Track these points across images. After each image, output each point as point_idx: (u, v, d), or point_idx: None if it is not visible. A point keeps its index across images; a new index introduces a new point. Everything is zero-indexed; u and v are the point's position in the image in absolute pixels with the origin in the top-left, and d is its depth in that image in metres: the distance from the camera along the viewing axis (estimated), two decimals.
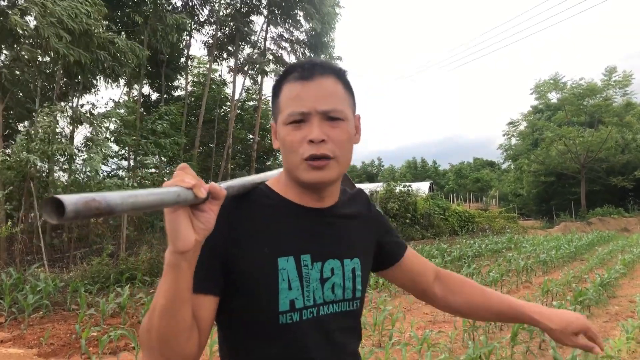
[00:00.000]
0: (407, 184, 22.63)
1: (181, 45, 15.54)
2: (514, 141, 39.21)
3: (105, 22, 10.36)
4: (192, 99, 17.55)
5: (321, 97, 0.98)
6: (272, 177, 1.12)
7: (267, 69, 16.13)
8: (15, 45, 9.28)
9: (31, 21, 8.77)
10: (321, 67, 1.01)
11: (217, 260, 0.95)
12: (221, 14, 14.97)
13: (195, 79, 18.96)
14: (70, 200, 0.61)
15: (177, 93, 18.06)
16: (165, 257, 0.82)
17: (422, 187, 30.43)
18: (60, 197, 0.61)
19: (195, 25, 15.68)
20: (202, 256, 0.85)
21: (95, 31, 9.30)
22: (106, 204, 0.65)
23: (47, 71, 11.28)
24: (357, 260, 1.09)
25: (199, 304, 0.92)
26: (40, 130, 9.00)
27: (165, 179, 15.07)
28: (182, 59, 16.46)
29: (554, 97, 36.62)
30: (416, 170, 67.67)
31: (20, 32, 8.67)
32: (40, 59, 10.58)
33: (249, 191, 1.04)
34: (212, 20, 15.45)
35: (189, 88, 17.56)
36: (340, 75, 1.04)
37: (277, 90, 1.05)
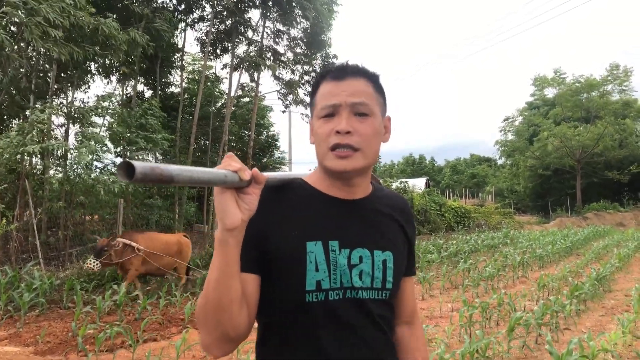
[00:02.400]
0: (404, 180, 22.65)
1: (175, 42, 15.45)
2: (510, 137, 39.27)
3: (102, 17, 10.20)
4: (187, 96, 17.48)
5: (351, 92, 1.08)
6: (308, 174, 1.22)
7: (263, 66, 16.09)
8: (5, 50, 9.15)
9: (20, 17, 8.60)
10: (353, 70, 1.12)
11: (255, 242, 1.05)
12: (218, 8, 14.88)
13: (189, 76, 18.88)
14: (139, 164, 0.71)
15: (171, 90, 17.98)
16: (215, 236, 0.94)
17: (418, 183, 30.53)
18: (131, 161, 0.71)
19: (190, 22, 15.61)
20: (244, 239, 0.97)
21: (85, 20, 9.13)
22: (168, 173, 0.76)
23: (40, 68, 11.19)
24: (390, 253, 1.14)
25: (244, 280, 1.02)
26: (34, 126, 8.90)
27: None
28: (177, 55, 16.37)
29: (551, 92, 36.71)
30: (413, 167, 67.80)
31: (7, 45, 8.48)
32: (33, 54, 10.51)
33: (286, 183, 1.15)
34: (208, 17, 15.37)
35: (184, 85, 17.49)
36: (371, 77, 1.13)
37: (315, 89, 1.16)
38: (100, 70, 12.97)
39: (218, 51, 16.31)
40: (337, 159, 1.07)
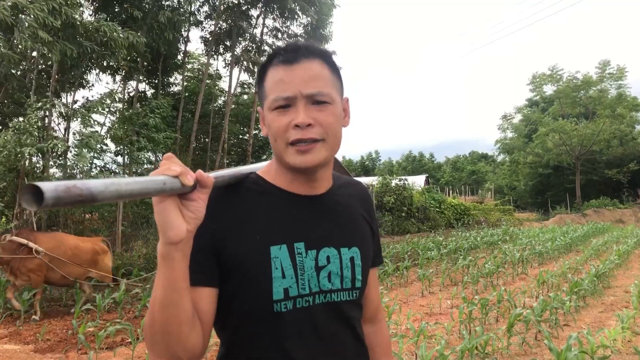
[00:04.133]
0: (403, 177, 22.65)
1: (178, 42, 15.42)
2: (509, 134, 39.29)
3: (102, 16, 10.17)
4: (188, 94, 17.47)
5: (306, 80, 0.96)
6: (262, 167, 1.10)
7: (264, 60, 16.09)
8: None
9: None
10: (306, 50, 0.99)
11: (209, 251, 0.94)
12: (220, 6, 14.85)
13: (190, 74, 18.87)
14: (49, 187, 0.58)
15: (173, 89, 17.95)
16: (158, 250, 0.81)
17: (417, 181, 30.51)
18: (38, 184, 0.58)
19: (193, 21, 15.58)
20: (194, 249, 0.84)
21: (78, 19, 9.07)
22: (88, 191, 0.63)
23: (40, 67, 11.18)
24: (356, 249, 1.06)
25: (197, 296, 0.91)
26: (32, 123, 8.88)
27: None
28: (180, 56, 16.35)
29: (549, 89, 36.71)
30: (413, 164, 67.80)
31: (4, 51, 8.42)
32: (33, 53, 10.49)
33: (240, 181, 1.02)
34: (211, 15, 15.34)
35: (185, 83, 17.47)
36: (325, 57, 1.01)
37: (262, 75, 1.02)
38: (102, 68, 12.93)
39: (216, 49, 16.28)
40: (298, 155, 0.96)
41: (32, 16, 8.11)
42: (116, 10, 12.46)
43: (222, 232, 0.95)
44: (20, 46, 9.04)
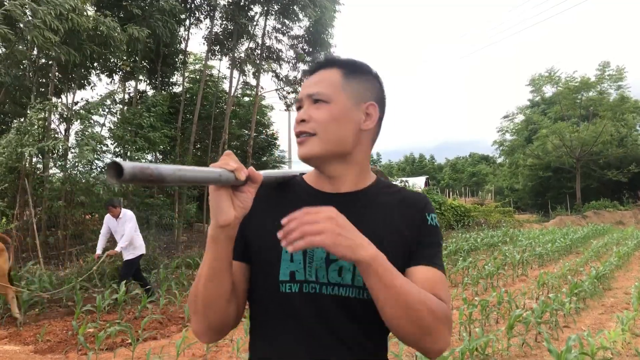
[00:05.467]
0: (404, 179, 22.67)
1: (179, 39, 15.43)
2: (508, 136, 39.29)
3: (104, 16, 10.14)
4: (189, 95, 17.48)
5: (311, 84, 1.10)
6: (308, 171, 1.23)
7: (264, 64, 16.08)
8: (8, 44, 9.15)
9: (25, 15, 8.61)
10: (324, 62, 1.13)
11: (240, 232, 1.03)
12: (219, 4, 14.84)
13: (192, 75, 18.88)
14: (128, 165, 0.71)
15: (174, 90, 17.96)
16: (208, 232, 0.95)
17: (418, 182, 30.59)
18: (120, 161, 0.71)
19: (193, 20, 15.59)
20: None
21: (84, 22, 9.11)
22: (158, 173, 0.75)
23: (42, 67, 11.19)
24: None
25: (234, 268, 1.04)
26: (34, 124, 8.90)
27: None
28: (180, 55, 16.36)
29: (549, 90, 36.71)
30: (413, 165, 67.85)
31: (12, 38, 8.48)
32: (35, 53, 10.50)
33: (285, 180, 1.17)
34: (211, 14, 15.35)
35: (186, 84, 17.48)
36: (342, 65, 1.12)
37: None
38: (103, 69, 12.95)
39: (220, 49, 16.29)
40: (298, 147, 1.09)
41: (39, 17, 8.16)
42: (115, 9, 12.46)
43: (251, 216, 1.04)
44: (29, 43, 9.09)
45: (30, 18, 8.28)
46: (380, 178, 1.20)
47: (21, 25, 8.59)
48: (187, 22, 15.17)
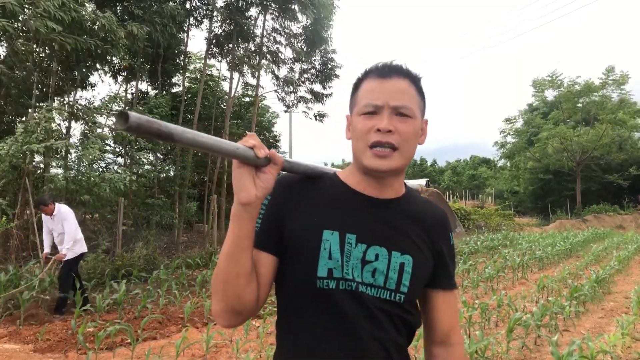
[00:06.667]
0: (404, 181, 22.65)
1: (179, 40, 15.44)
2: (509, 139, 39.30)
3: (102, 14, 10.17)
4: (189, 96, 17.50)
5: (395, 93, 1.09)
6: (342, 170, 1.23)
7: (264, 63, 16.10)
8: (9, 41, 9.16)
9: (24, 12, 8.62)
10: (399, 70, 1.12)
11: (274, 222, 1.10)
12: (218, 5, 14.87)
13: (193, 76, 18.90)
14: (134, 114, 0.72)
15: (175, 90, 17.99)
16: (232, 211, 0.99)
17: (418, 184, 30.44)
18: (127, 111, 0.72)
19: (193, 21, 15.60)
20: (265, 218, 1.08)
21: (85, 15, 9.13)
22: (167, 129, 0.76)
23: (44, 65, 11.20)
24: (409, 257, 1.10)
25: (258, 259, 1.07)
26: (39, 125, 8.91)
27: (163, 176, 15.10)
28: (181, 56, 16.38)
29: (550, 94, 36.73)
30: (414, 168, 67.85)
31: (11, 30, 8.51)
32: (37, 49, 10.51)
33: (320, 175, 1.18)
34: (209, 16, 15.37)
35: (187, 85, 17.50)
36: (414, 79, 1.13)
37: (357, 86, 1.16)
38: (103, 67, 12.95)
39: (219, 50, 16.29)
40: (375, 158, 1.07)
41: (41, 7, 8.19)
42: (117, 8, 12.49)
43: (289, 209, 1.11)
44: (30, 31, 9.10)
45: (28, 13, 8.29)
46: (408, 184, 1.25)
47: (21, 18, 8.60)
48: (187, 23, 15.19)
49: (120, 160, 14.00)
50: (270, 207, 1.09)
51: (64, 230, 6.42)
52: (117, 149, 13.50)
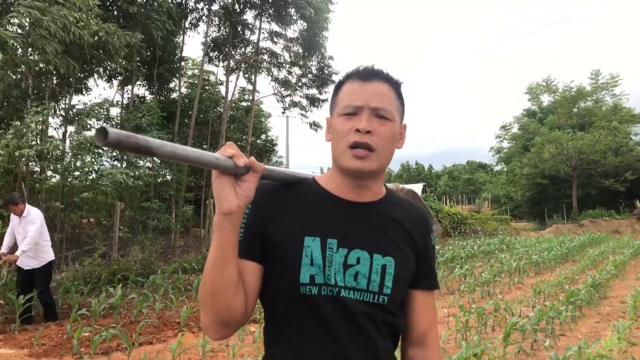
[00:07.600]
0: (401, 185, 22.68)
1: (175, 44, 15.45)
2: (505, 144, 39.41)
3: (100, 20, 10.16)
4: (187, 100, 17.49)
5: (375, 96, 1.10)
6: (320, 175, 1.24)
7: (260, 69, 16.11)
8: (7, 52, 9.13)
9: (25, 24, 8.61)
10: (380, 74, 1.14)
11: (255, 230, 1.10)
12: (212, 10, 14.89)
13: (189, 80, 18.91)
14: (113, 130, 0.72)
15: (173, 95, 17.99)
16: (214, 221, 0.99)
17: (414, 189, 30.53)
18: (106, 127, 0.72)
19: (189, 25, 15.63)
20: (247, 227, 1.08)
21: (86, 35, 9.13)
22: (146, 143, 0.76)
23: (39, 71, 11.19)
24: (391, 259, 1.11)
25: (244, 267, 1.07)
26: (31, 127, 8.87)
27: (159, 180, 15.06)
28: (176, 58, 16.38)
29: (546, 99, 36.84)
30: (409, 173, 67.95)
31: (11, 44, 8.48)
32: (34, 59, 10.50)
33: (299, 181, 1.18)
34: (205, 18, 15.40)
35: (183, 90, 17.51)
36: (394, 84, 1.15)
37: (338, 88, 1.18)
38: (101, 74, 12.95)
39: (216, 54, 16.32)
40: (353, 159, 1.08)
41: (44, 27, 8.17)
42: (111, 8, 12.49)
43: (271, 217, 1.11)
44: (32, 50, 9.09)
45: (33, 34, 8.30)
46: (387, 186, 1.25)
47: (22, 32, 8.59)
48: (183, 26, 15.21)
49: (116, 163, 13.99)
50: (252, 215, 1.10)
51: (27, 234, 6.07)
52: (114, 153, 13.47)
